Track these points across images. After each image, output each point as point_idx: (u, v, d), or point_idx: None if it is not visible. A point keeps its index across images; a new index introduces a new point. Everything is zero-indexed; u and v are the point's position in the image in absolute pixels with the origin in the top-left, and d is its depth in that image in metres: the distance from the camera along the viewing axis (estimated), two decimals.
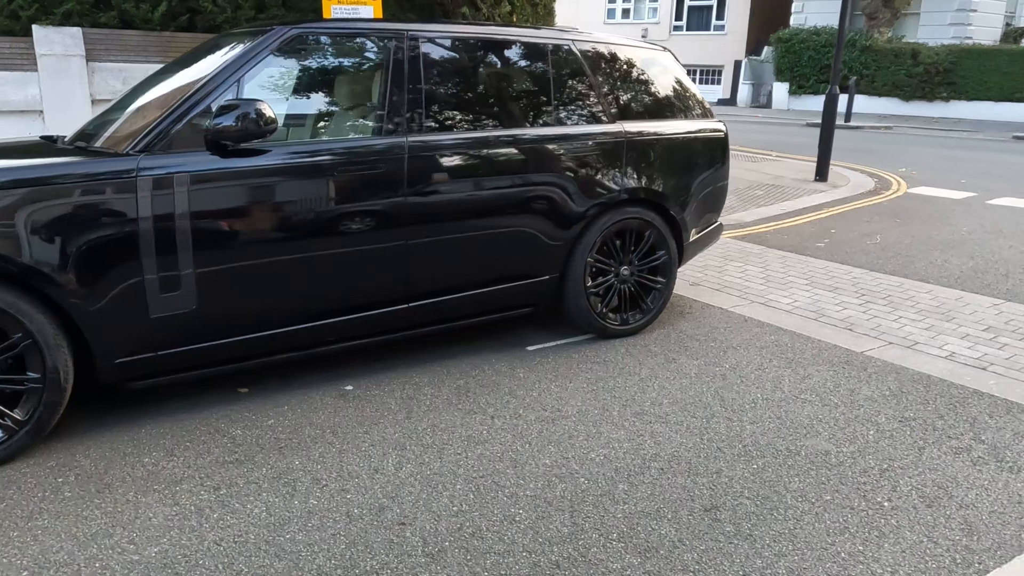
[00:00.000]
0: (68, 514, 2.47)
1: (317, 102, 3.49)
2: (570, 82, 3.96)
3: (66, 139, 3.46)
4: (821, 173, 9.46)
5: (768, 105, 26.07)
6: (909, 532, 2.43)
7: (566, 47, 3.97)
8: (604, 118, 4.02)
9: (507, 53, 3.81)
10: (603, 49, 4.15)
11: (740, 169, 10.41)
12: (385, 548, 2.31)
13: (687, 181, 4.35)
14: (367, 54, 3.44)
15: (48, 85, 6.59)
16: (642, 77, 4.32)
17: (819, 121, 9.65)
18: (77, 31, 6.66)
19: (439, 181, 3.47)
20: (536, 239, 3.76)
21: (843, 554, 2.31)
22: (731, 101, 27.34)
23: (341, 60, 3.43)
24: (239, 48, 3.21)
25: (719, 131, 4.60)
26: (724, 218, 7.47)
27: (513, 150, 3.67)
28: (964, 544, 2.37)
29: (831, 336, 4.28)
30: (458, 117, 3.58)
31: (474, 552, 2.30)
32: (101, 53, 6.78)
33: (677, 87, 4.46)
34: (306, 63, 3.35)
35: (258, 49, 3.18)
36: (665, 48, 4.54)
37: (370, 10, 5.37)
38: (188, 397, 3.33)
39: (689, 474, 2.77)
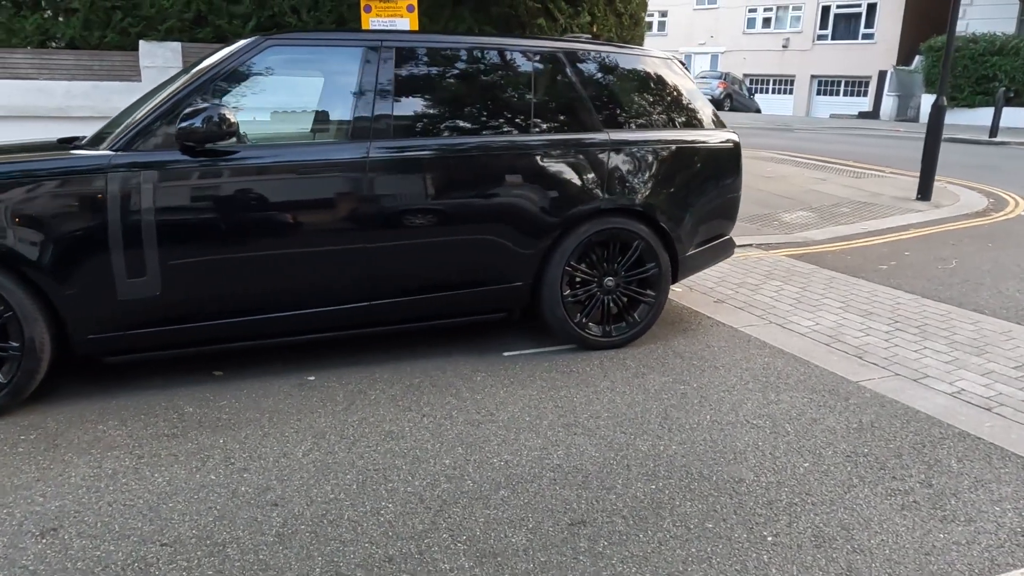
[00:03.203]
0: (9, 465, 2.81)
1: (287, 108, 3.72)
2: (554, 90, 3.96)
3: (84, 140, 3.90)
4: (923, 191, 8.71)
5: (916, 119, 24.15)
6: (776, 570, 2.26)
7: (552, 55, 3.97)
8: (589, 126, 3.98)
9: (485, 62, 3.87)
10: (597, 56, 4.12)
11: (836, 185, 9.79)
12: (245, 524, 2.45)
13: (683, 192, 4.21)
14: (339, 63, 3.62)
15: None
16: (639, 86, 4.23)
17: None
18: (177, 46, 7.39)
19: (401, 186, 3.59)
20: (504, 246, 3.79)
21: None
22: (874, 114, 25.57)
23: (313, 68, 3.64)
24: (218, 56, 3.50)
25: (728, 142, 4.41)
26: (794, 235, 7.12)
27: (480, 157, 3.73)
28: None
29: (833, 363, 3.98)
30: (426, 124, 3.70)
31: (321, 538, 2.39)
32: None
33: (680, 96, 4.32)
34: (279, 71, 3.58)
35: (234, 58, 3.45)
36: (672, 57, 4.42)
37: (406, 23, 5.61)
38: (166, 375, 3.65)
39: (580, 487, 2.71)
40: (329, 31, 4.95)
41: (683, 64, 4.45)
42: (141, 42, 7.28)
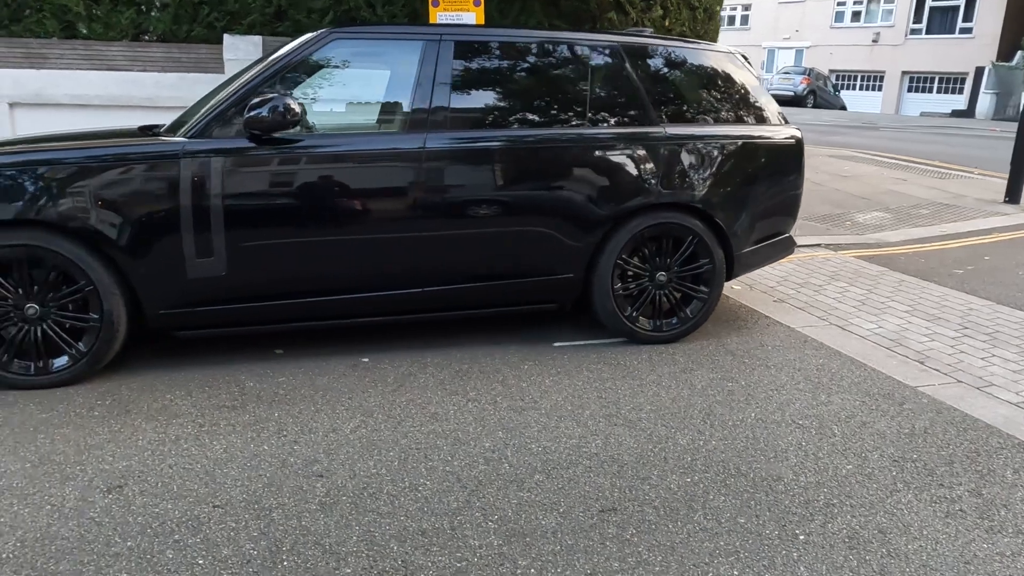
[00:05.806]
0: (86, 427, 3.04)
1: (350, 98, 3.86)
2: (611, 84, 3.97)
3: (162, 128, 4.14)
4: (1012, 193, 8.27)
5: (1016, 118, 22.79)
6: (804, 568, 2.24)
7: (611, 49, 3.98)
8: (646, 120, 3.98)
9: (543, 55, 3.91)
10: (656, 50, 4.11)
11: (917, 186, 9.39)
12: (291, 493, 2.59)
13: (740, 188, 4.15)
14: (399, 55, 3.74)
15: None
16: (699, 80, 4.20)
17: None
18: (258, 39, 7.72)
19: (455, 177, 3.69)
20: (555, 238, 3.83)
21: (710, 575, 2.20)
22: (968, 112, 24.29)
23: (375, 60, 3.77)
24: (286, 49, 3.66)
25: (790, 138, 4.33)
26: (866, 236, 6.91)
27: (534, 150, 3.78)
28: None
29: (892, 367, 3.87)
30: (481, 117, 3.77)
31: (361, 509, 2.50)
32: None
33: (742, 91, 4.26)
34: (344, 63, 3.72)
35: (301, 50, 3.61)
36: (734, 51, 4.35)
37: (472, 16, 5.70)
38: (231, 351, 3.85)
39: (615, 476, 2.74)
40: (391, 25, 5.09)
41: (746, 59, 4.38)
42: (225, 36, 7.62)
